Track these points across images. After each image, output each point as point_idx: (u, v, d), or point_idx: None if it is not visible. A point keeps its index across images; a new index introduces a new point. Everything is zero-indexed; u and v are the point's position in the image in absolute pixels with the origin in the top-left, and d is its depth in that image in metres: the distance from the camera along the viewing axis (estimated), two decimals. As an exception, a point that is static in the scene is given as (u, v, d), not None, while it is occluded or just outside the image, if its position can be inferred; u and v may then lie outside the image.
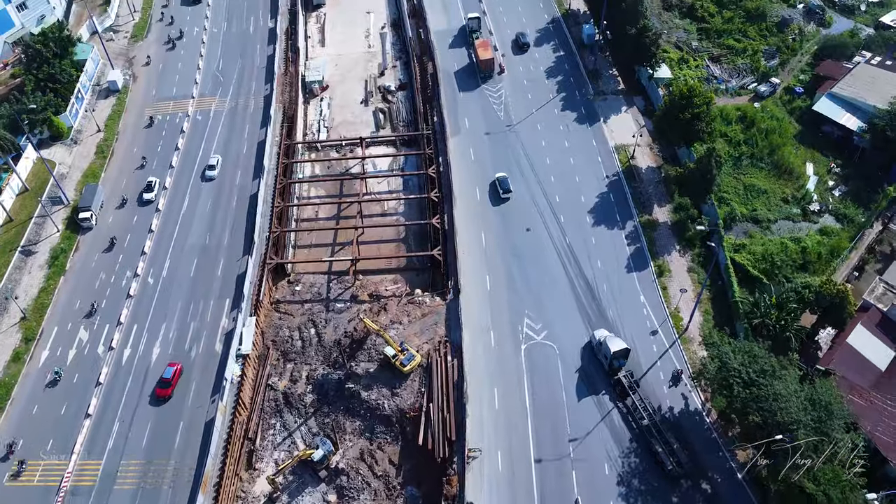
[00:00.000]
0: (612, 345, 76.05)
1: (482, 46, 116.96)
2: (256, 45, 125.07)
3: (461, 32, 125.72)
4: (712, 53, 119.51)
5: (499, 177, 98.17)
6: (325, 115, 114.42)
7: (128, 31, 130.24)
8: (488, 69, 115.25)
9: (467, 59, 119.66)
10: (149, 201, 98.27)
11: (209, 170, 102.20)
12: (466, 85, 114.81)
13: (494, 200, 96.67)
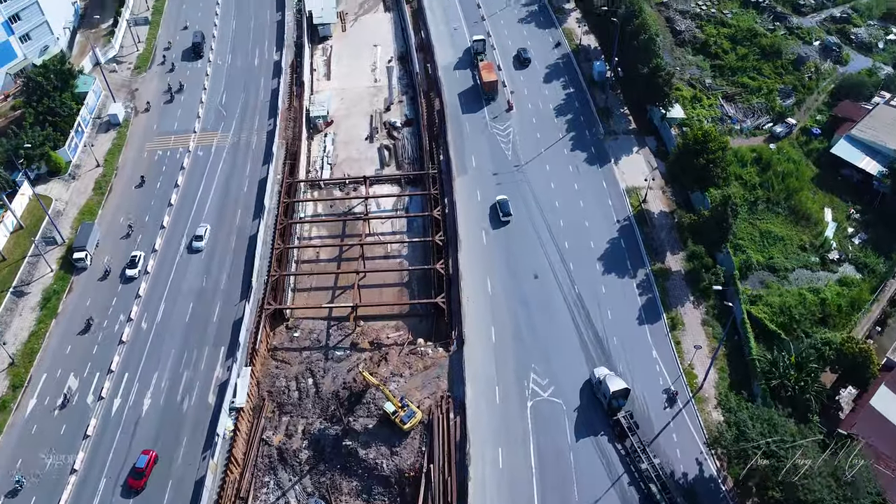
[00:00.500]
0: (612, 384, 73.69)
1: (486, 69, 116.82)
2: (261, 79, 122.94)
3: (466, 54, 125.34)
4: (726, 92, 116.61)
5: (499, 199, 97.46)
6: (328, 151, 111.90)
7: (131, 62, 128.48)
8: (492, 91, 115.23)
9: (472, 82, 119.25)
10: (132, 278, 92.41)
11: (196, 240, 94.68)
12: (470, 108, 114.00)
13: (495, 224, 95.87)
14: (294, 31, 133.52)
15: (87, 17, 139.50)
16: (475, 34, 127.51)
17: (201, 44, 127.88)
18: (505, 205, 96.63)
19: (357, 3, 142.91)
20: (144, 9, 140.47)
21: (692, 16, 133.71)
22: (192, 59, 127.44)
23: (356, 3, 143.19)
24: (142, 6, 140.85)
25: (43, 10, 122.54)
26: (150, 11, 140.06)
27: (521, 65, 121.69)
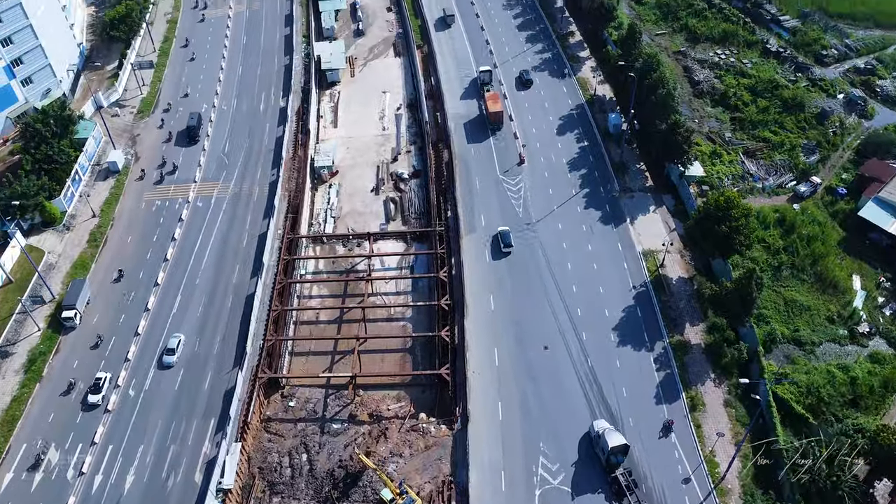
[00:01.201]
0: (611, 439, 70.41)
1: (492, 99, 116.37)
2: (266, 126, 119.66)
3: (472, 85, 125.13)
4: (747, 147, 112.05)
5: (501, 230, 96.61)
6: (332, 203, 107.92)
7: (135, 106, 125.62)
8: (497, 121, 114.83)
9: (477, 111, 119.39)
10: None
11: (167, 354, 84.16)
12: (476, 138, 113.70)
13: (496, 255, 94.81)
14: (302, 76, 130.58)
15: (92, 59, 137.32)
16: (482, 65, 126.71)
17: (196, 128, 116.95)
18: (506, 236, 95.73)
19: (367, 48, 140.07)
20: (151, 50, 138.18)
21: (711, 65, 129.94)
22: (186, 144, 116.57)
23: (366, 47, 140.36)
24: (148, 48, 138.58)
25: (46, 54, 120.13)
26: (156, 53, 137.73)
27: (523, 86, 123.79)
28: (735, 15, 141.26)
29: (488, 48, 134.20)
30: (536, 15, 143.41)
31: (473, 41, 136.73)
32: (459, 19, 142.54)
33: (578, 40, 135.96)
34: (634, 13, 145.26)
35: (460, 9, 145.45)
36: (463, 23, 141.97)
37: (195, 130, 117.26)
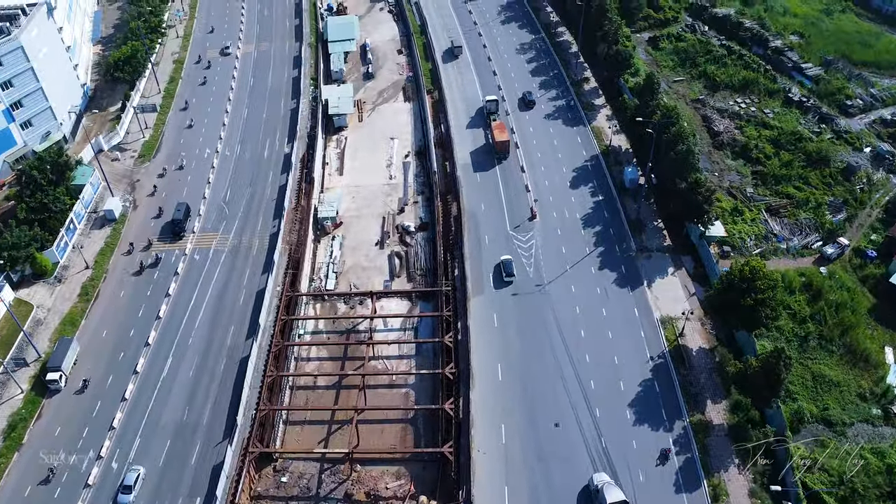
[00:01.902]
0: (609, 495, 68.17)
1: (498, 128, 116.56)
2: (269, 173, 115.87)
3: (479, 113, 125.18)
4: (770, 204, 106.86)
5: (503, 259, 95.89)
6: (335, 257, 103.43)
7: (136, 149, 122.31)
8: (503, 151, 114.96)
9: (484, 140, 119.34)
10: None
11: (124, 493, 73.61)
12: (482, 167, 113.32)
13: (497, 284, 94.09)
14: (308, 120, 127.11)
15: (96, 99, 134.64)
16: (488, 94, 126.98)
17: (182, 221, 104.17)
18: (508, 265, 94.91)
19: (376, 92, 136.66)
20: (156, 91, 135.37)
21: (731, 115, 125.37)
22: (170, 239, 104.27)
23: (375, 91, 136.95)
24: (153, 88, 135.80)
25: (47, 97, 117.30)
26: (161, 94, 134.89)
27: (526, 106, 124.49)
28: (755, 62, 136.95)
29: (501, 93, 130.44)
30: (550, 60, 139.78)
31: (485, 85, 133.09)
32: (472, 67, 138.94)
33: (593, 87, 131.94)
34: (651, 59, 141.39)
35: (474, 57, 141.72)
36: (475, 68, 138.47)
37: (180, 224, 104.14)
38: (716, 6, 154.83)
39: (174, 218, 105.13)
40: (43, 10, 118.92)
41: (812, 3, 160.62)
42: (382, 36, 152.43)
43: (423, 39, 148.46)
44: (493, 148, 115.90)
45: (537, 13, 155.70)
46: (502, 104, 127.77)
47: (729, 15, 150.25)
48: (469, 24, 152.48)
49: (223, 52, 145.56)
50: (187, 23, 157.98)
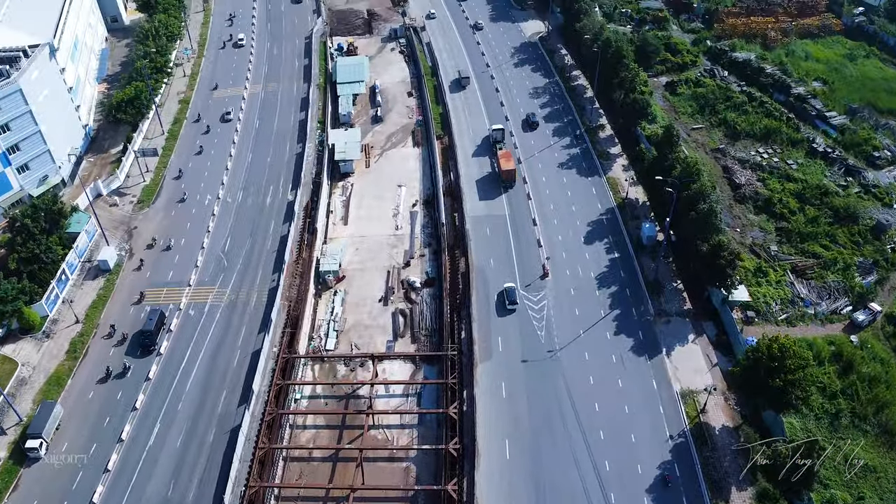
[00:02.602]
0: None
1: (504, 157, 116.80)
2: (271, 222, 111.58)
3: (485, 142, 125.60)
4: (796, 264, 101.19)
5: (507, 287, 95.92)
6: (336, 314, 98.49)
7: (136, 194, 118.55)
8: (510, 180, 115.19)
9: (489, 169, 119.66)
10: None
11: None
12: (488, 195, 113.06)
13: (500, 311, 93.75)
14: (314, 166, 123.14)
15: (98, 140, 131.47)
16: (494, 123, 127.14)
17: (154, 333, 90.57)
18: (512, 293, 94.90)
19: (385, 136, 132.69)
20: (159, 133, 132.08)
21: (752, 165, 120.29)
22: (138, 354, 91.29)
23: (384, 135, 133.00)
24: (156, 129, 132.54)
25: (46, 140, 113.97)
26: (164, 135, 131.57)
27: (529, 127, 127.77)
28: (777, 110, 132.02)
29: (513, 140, 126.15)
30: (565, 105, 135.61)
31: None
32: (483, 110, 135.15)
33: (609, 135, 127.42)
34: (668, 105, 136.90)
35: (486, 100, 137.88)
36: (486, 111, 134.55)
37: (150, 337, 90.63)
38: (735, 51, 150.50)
39: (144, 329, 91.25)
40: (45, 52, 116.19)
41: (835, 47, 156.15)
42: (393, 77, 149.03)
43: (434, 81, 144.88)
44: (500, 177, 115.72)
45: (551, 55, 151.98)
46: (515, 151, 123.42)
47: (749, 60, 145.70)
48: (481, 65, 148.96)
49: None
50: (195, 61, 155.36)
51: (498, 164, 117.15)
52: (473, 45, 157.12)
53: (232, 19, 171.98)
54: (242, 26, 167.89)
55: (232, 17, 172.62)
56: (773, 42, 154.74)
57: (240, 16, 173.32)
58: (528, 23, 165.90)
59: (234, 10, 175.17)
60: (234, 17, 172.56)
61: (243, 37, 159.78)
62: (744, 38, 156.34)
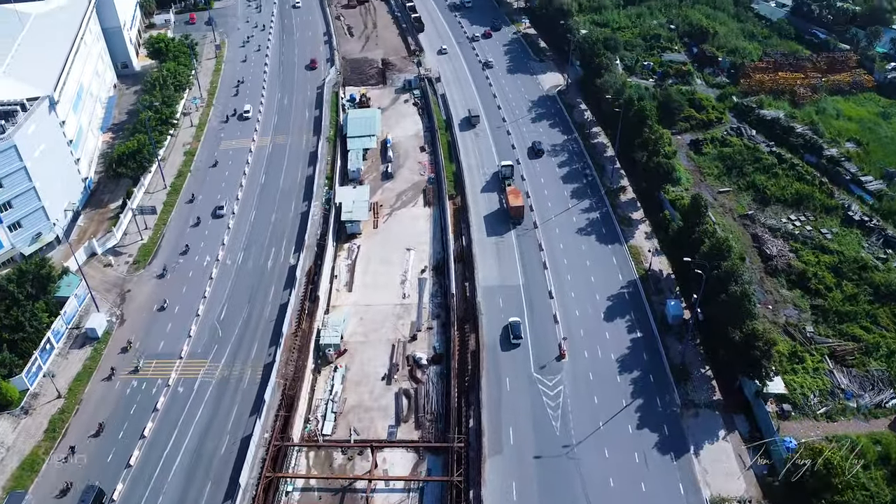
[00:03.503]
0: None
1: (513, 194, 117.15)
2: (271, 288, 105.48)
3: (494, 178, 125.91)
4: (834, 349, 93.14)
5: (511, 321, 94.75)
6: (336, 393, 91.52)
7: (132, 254, 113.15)
8: (518, 216, 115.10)
9: (498, 205, 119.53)
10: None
11: None
12: (496, 231, 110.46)
13: (504, 346, 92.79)
14: (319, 226, 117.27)
15: (97, 194, 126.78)
16: (503, 160, 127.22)
17: None
18: (517, 327, 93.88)
19: (394, 194, 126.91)
20: (161, 186, 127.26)
21: (784, 234, 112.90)
22: None
23: (394, 193, 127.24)
24: (158, 183, 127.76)
25: (41, 196, 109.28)
26: (166, 189, 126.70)
27: (535, 155, 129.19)
28: (809, 173, 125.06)
29: (529, 202, 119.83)
30: (584, 164, 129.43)
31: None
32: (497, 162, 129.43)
33: (631, 198, 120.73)
34: (693, 165, 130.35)
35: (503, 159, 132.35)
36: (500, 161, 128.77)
37: None
38: (763, 107, 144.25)
39: None
40: (44, 106, 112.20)
41: (867, 105, 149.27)
42: (405, 131, 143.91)
43: (448, 136, 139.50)
44: (508, 213, 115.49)
45: (570, 110, 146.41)
46: (530, 213, 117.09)
47: (778, 118, 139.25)
48: (497, 120, 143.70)
49: (241, 115, 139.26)
50: (204, 110, 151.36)
51: (506, 200, 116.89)
52: (490, 98, 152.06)
53: (238, 86, 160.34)
54: (254, 76, 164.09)
55: (239, 84, 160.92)
56: (802, 99, 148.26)
57: (252, 62, 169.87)
58: (547, 75, 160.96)
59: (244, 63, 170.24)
60: (242, 83, 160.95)
61: (249, 108, 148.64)
62: (771, 94, 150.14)
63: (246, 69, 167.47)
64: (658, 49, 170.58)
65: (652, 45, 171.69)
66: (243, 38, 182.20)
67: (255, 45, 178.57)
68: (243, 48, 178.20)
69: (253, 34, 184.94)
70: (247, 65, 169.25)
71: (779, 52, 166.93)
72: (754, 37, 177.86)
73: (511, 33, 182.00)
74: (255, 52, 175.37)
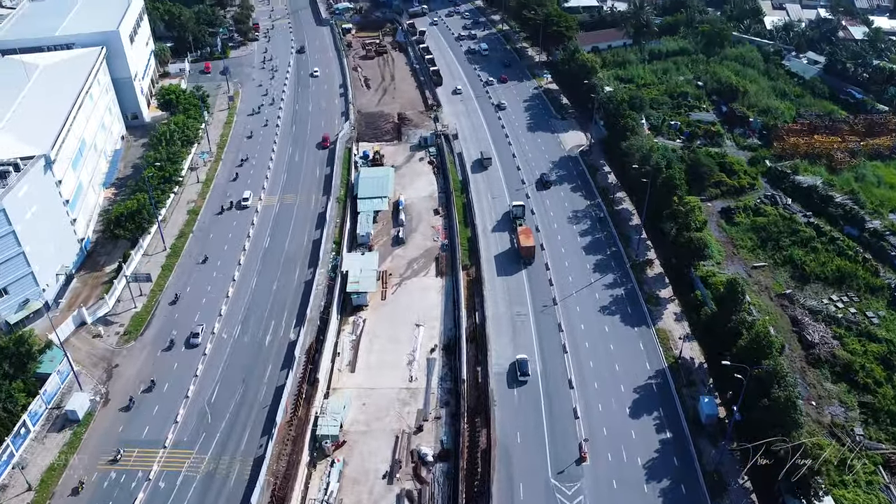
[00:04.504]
0: None
1: (524, 234, 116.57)
2: (267, 367, 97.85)
3: (505, 219, 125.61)
4: (888, 456, 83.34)
5: (519, 358, 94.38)
6: (331, 492, 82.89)
7: (124, 323, 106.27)
8: (529, 256, 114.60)
9: (509, 245, 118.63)
10: None
11: None
12: (506, 271, 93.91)
13: (511, 383, 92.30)
14: (323, 297, 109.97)
15: (94, 254, 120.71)
16: (515, 200, 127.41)
17: None
18: (524, 364, 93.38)
19: (405, 262, 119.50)
20: (161, 248, 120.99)
21: (826, 318, 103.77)
22: None
23: (404, 260, 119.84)
24: (158, 245, 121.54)
25: (30, 261, 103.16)
26: (166, 251, 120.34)
27: (543, 186, 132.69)
28: (851, 247, 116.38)
29: (548, 276, 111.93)
30: (608, 234, 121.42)
31: (531, 266, 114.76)
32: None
33: (658, 273, 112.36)
34: (725, 236, 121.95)
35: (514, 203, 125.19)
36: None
37: None
38: (798, 173, 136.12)
39: None
40: (39, 165, 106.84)
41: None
42: (419, 192, 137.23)
43: (464, 199, 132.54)
44: (518, 253, 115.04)
45: (594, 173, 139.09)
46: (551, 288, 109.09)
47: (815, 186, 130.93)
48: (516, 182, 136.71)
49: (240, 204, 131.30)
50: (212, 165, 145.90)
51: (517, 240, 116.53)
52: (508, 157, 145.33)
53: (242, 163, 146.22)
54: (266, 129, 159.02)
55: (243, 161, 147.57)
56: (839, 164, 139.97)
57: (265, 114, 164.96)
58: (569, 134, 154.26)
59: (257, 115, 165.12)
60: (246, 161, 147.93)
61: (249, 195, 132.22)
62: (807, 158, 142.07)
63: (258, 121, 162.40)
64: (685, 107, 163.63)
65: (679, 104, 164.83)
66: (258, 91, 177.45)
67: (270, 96, 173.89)
68: (258, 98, 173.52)
69: (269, 84, 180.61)
70: (259, 117, 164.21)
71: (813, 113, 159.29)
72: (786, 95, 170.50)
73: (532, 88, 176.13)
74: (270, 105, 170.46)
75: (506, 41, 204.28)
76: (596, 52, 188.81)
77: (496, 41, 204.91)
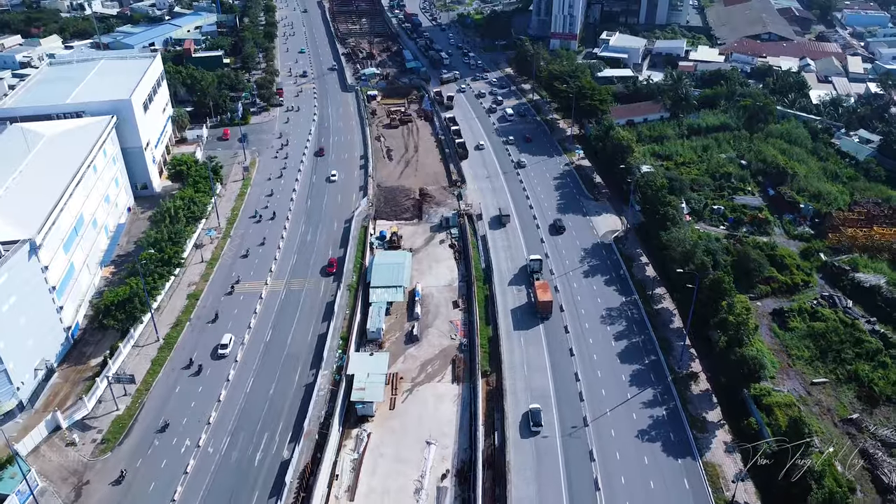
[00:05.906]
0: None
1: (542, 288, 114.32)
2: (253, 495, 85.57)
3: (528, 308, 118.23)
4: None
5: (532, 408, 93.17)
6: None
7: (103, 428, 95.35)
8: (546, 311, 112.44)
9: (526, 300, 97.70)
10: None
11: None
12: (523, 325, 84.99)
13: (524, 433, 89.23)
14: (324, 405, 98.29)
15: (81, 344, 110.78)
16: (532, 255, 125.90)
17: None
18: (537, 414, 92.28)
19: (419, 363, 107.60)
20: (153, 339, 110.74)
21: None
22: None
23: (418, 361, 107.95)
24: (150, 336, 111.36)
25: (3, 358, 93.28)
26: (159, 342, 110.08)
27: (556, 231, 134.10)
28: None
29: (577, 388, 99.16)
30: (646, 338, 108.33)
31: (557, 364, 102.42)
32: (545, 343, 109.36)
33: (705, 389, 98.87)
34: (778, 343, 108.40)
35: (549, 340, 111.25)
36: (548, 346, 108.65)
37: None
38: (858, 270, 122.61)
39: None
40: (22, 252, 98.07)
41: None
42: (438, 279, 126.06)
43: (487, 290, 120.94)
44: (536, 307, 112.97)
45: (629, 264, 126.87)
46: (581, 405, 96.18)
47: (878, 286, 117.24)
48: (545, 275, 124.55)
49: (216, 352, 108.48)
50: (219, 243, 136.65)
51: (535, 294, 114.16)
52: (536, 245, 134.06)
53: (246, 252, 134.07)
54: (279, 204, 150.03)
55: (260, 217, 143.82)
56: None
57: (280, 187, 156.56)
58: (602, 217, 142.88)
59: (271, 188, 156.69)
60: (264, 214, 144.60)
61: (228, 340, 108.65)
62: (865, 251, 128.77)
63: (272, 195, 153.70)
64: (729, 189, 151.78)
65: (721, 185, 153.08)
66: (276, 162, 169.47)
67: (288, 167, 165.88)
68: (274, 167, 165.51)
69: (286, 154, 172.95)
70: (273, 190, 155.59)
71: (870, 200, 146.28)
72: (837, 177, 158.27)
73: (563, 164, 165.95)
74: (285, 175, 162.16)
75: (536, 112, 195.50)
76: (631, 124, 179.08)
77: (526, 111, 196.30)
